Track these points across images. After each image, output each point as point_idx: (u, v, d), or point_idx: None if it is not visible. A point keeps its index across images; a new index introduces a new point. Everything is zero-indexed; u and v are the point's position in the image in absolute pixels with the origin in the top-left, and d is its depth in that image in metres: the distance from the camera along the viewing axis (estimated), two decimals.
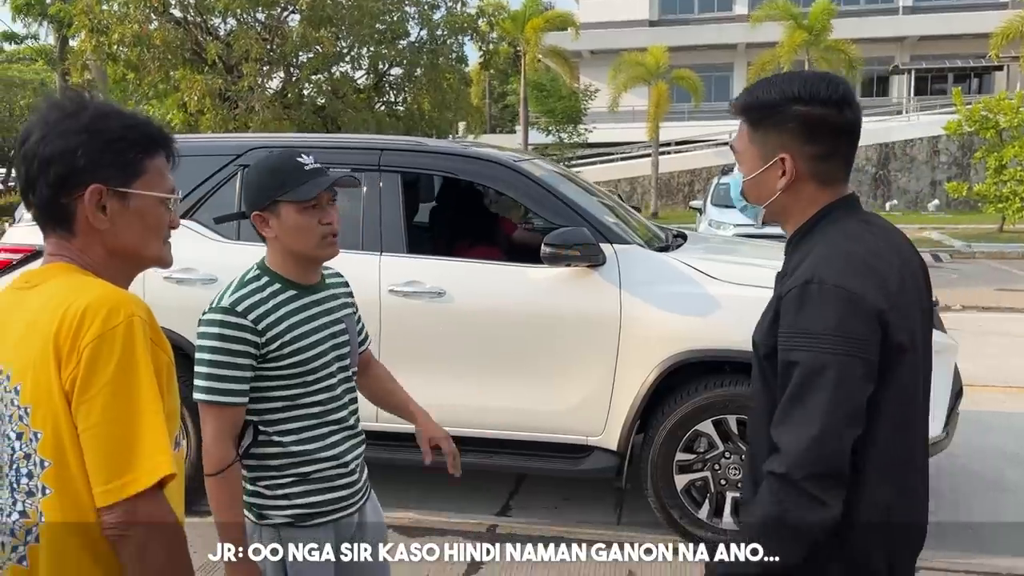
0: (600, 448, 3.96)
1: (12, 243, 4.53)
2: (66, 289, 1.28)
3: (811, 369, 1.47)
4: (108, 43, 13.18)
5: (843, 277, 1.50)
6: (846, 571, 1.56)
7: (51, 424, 1.23)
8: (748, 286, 3.82)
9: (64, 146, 1.30)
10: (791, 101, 1.58)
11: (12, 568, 1.26)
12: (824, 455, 1.45)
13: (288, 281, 1.97)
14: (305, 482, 1.97)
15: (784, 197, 1.64)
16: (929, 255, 16.41)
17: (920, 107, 32.36)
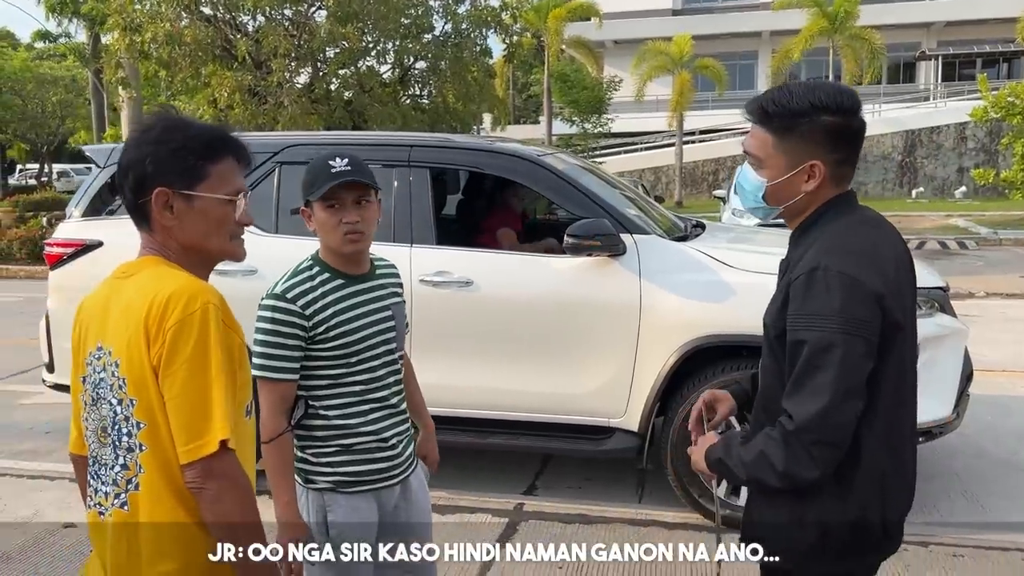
0: (622, 429, 4.15)
1: (64, 238, 4.79)
2: (154, 279, 1.50)
3: (818, 348, 1.65)
4: (141, 41, 13.48)
5: (846, 265, 1.68)
6: (847, 526, 1.75)
7: (143, 393, 1.47)
8: (763, 273, 3.97)
9: (137, 156, 1.55)
10: (820, 111, 1.73)
11: (116, 512, 1.49)
12: (830, 425, 1.64)
13: (336, 271, 2.17)
14: (347, 452, 2.18)
15: (805, 198, 1.80)
16: (955, 242, 16.36)
17: (947, 93, 32.00)
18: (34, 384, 6.79)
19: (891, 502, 1.80)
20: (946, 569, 3.64)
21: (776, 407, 1.75)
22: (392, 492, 2.27)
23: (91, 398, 1.54)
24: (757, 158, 1.82)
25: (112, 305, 1.53)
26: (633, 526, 4.12)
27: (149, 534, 1.47)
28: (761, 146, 1.81)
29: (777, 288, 1.84)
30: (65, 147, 41.88)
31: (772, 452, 1.69)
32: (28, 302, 11.06)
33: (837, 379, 1.62)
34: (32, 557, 3.85)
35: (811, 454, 1.64)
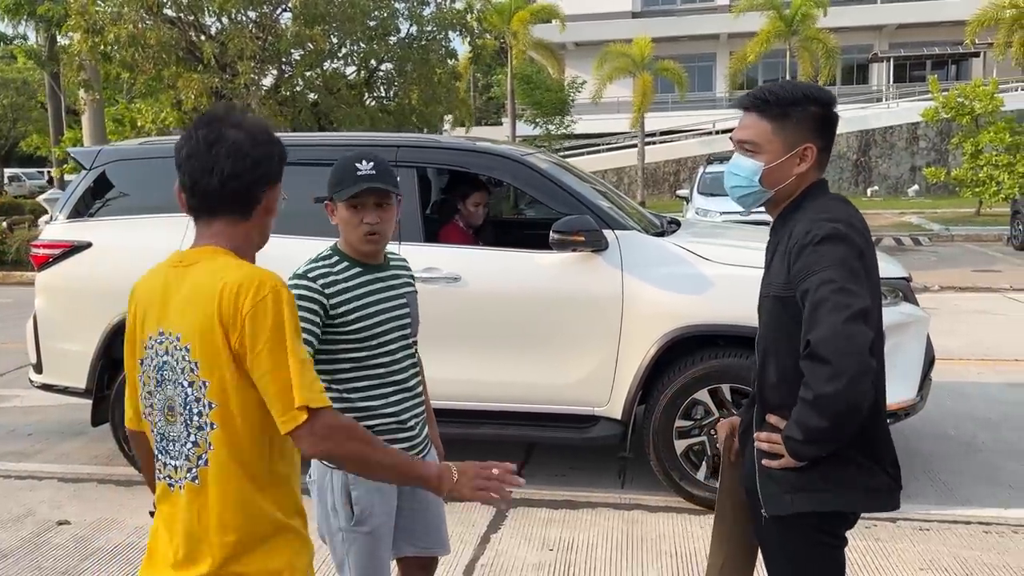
0: (606, 418, 4.31)
1: (50, 239, 4.82)
2: (220, 269, 1.60)
3: (822, 284, 1.83)
4: (102, 43, 13.32)
5: (835, 226, 1.90)
6: (866, 454, 1.96)
7: (216, 375, 1.58)
8: (739, 266, 4.18)
9: (268, 152, 1.69)
10: (811, 101, 2.01)
11: (187, 485, 1.61)
12: (843, 336, 1.77)
13: (354, 260, 2.31)
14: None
15: (795, 181, 2.04)
16: (909, 238, 16.87)
17: (899, 94, 32.87)
18: (11, 388, 6.78)
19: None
20: (914, 542, 3.86)
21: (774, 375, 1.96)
22: None
23: (155, 380, 1.65)
24: (755, 143, 2.04)
25: (172, 292, 1.63)
26: (618, 510, 4.29)
27: (216, 507, 1.59)
28: (759, 132, 2.03)
29: (772, 265, 2.05)
30: (16, 151, 40.98)
31: (803, 390, 1.85)
32: None
33: (841, 305, 1.79)
34: (31, 553, 3.89)
35: (832, 364, 1.77)
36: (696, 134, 31.54)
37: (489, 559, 3.78)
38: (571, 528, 4.09)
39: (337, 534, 2.31)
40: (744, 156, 2.06)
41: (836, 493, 1.96)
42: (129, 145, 5.40)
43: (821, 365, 1.79)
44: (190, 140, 1.65)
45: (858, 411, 1.81)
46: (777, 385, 2.01)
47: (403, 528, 2.42)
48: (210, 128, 1.64)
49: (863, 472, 1.96)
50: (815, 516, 1.98)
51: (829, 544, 2.03)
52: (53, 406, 6.01)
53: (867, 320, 1.81)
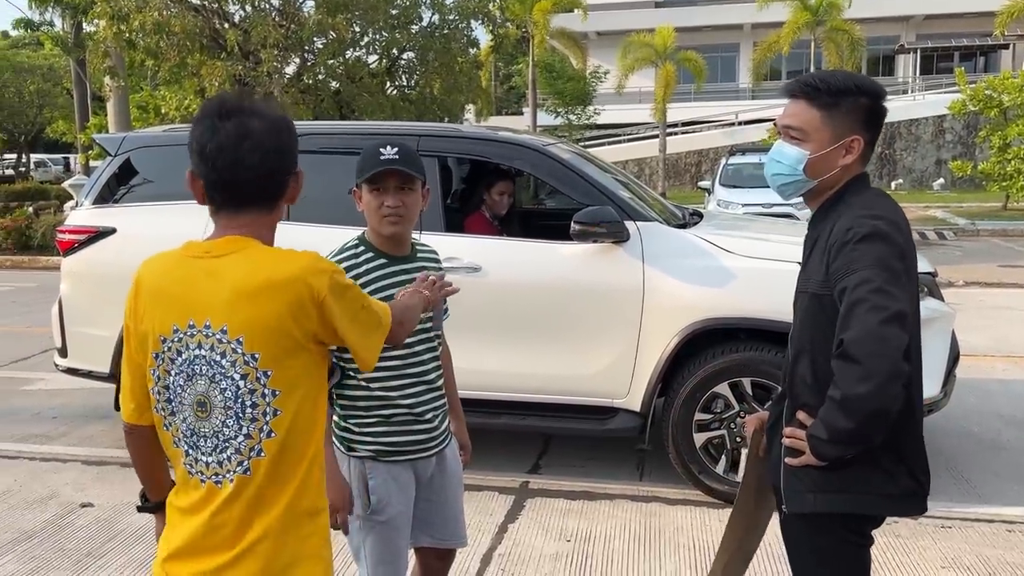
0: (625, 410, 4.30)
1: (76, 225, 4.87)
2: (263, 262, 1.59)
3: (859, 284, 1.79)
4: (128, 30, 13.42)
5: (878, 224, 1.86)
6: (893, 459, 1.94)
7: (281, 363, 1.58)
8: (761, 259, 4.15)
9: (291, 142, 1.69)
10: (862, 92, 1.97)
11: (238, 477, 1.60)
12: (875, 338, 1.74)
13: (379, 251, 2.32)
14: (386, 423, 2.32)
15: (839, 172, 2.00)
16: (933, 233, 16.67)
17: (925, 86, 32.44)
18: (35, 371, 6.87)
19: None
20: (935, 540, 3.83)
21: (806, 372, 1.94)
22: (428, 463, 2.40)
23: (183, 375, 1.60)
24: (802, 131, 1.99)
25: (202, 284, 1.59)
26: (636, 502, 4.28)
27: (270, 496, 1.60)
28: (808, 120, 1.98)
29: (811, 260, 2.00)
30: (42, 136, 41.41)
31: (832, 389, 1.82)
32: (18, 291, 11.06)
33: (878, 307, 1.76)
34: (55, 535, 3.95)
35: (863, 365, 1.74)
36: (718, 125, 31.32)
37: (507, 548, 3.79)
38: (589, 519, 4.09)
39: (354, 522, 2.32)
40: (789, 143, 2.02)
41: (859, 496, 1.93)
42: (154, 132, 5.44)
43: (852, 365, 1.76)
44: (217, 133, 1.59)
45: (886, 415, 1.78)
46: (808, 382, 1.98)
47: (421, 519, 2.43)
48: (237, 120, 1.60)
49: (888, 476, 1.93)
50: (839, 515, 1.96)
51: (854, 543, 2.01)
52: (77, 389, 6.08)
53: (903, 323, 1.77)
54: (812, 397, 1.95)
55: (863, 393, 1.75)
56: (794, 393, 2.05)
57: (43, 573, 3.59)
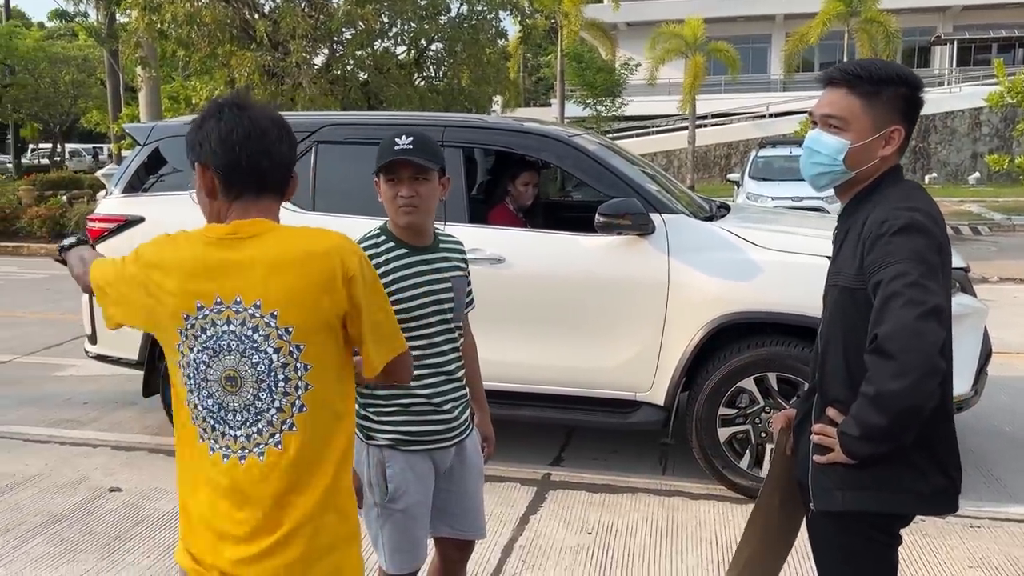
0: (648, 403, 4.28)
1: (105, 213, 4.93)
2: (296, 238, 1.64)
3: (895, 277, 1.75)
4: (160, 21, 13.56)
5: (915, 217, 1.81)
6: (924, 456, 1.90)
7: (313, 337, 1.62)
8: (789, 252, 4.10)
9: (294, 140, 1.74)
10: (902, 82, 1.92)
11: (269, 449, 1.63)
12: (910, 333, 1.69)
13: (400, 241, 2.32)
14: (405, 413, 2.33)
15: (877, 163, 1.95)
16: (968, 228, 16.39)
17: (962, 78, 31.84)
18: (67, 357, 6.98)
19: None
20: (963, 539, 3.77)
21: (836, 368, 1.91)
22: (447, 453, 2.40)
23: (209, 351, 1.62)
24: (843, 119, 1.94)
25: (232, 261, 1.61)
26: (658, 496, 4.26)
27: (300, 469, 1.64)
28: (848, 108, 1.93)
29: (841, 253, 1.96)
30: (76, 127, 42.01)
31: (865, 385, 1.78)
32: (52, 279, 11.23)
33: (914, 301, 1.71)
34: (84, 519, 4.01)
35: (898, 361, 1.70)
36: (749, 117, 30.99)
37: (527, 540, 3.79)
38: (611, 512, 4.07)
39: (372, 509, 2.33)
40: (827, 132, 1.95)
41: (889, 494, 1.89)
42: (182, 121, 5.47)
43: (887, 361, 1.72)
44: (242, 121, 1.64)
45: (920, 412, 1.74)
46: (839, 378, 1.94)
47: (440, 509, 2.43)
48: (255, 113, 1.67)
49: (919, 474, 1.89)
50: (867, 514, 1.93)
51: (882, 542, 1.97)
52: (108, 376, 6.17)
53: (941, 319, 1.72)
54: (843, 393, 1.91)
55: (897, 389, 1.71)
56: (824, 389, 2.01)
57: (72, 556, 3.65)
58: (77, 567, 3.55)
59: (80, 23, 20.80)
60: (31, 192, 16.85)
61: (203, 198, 1.71)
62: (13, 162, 34.92)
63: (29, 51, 31.79)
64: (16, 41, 31.13)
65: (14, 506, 4.14)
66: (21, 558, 3.63)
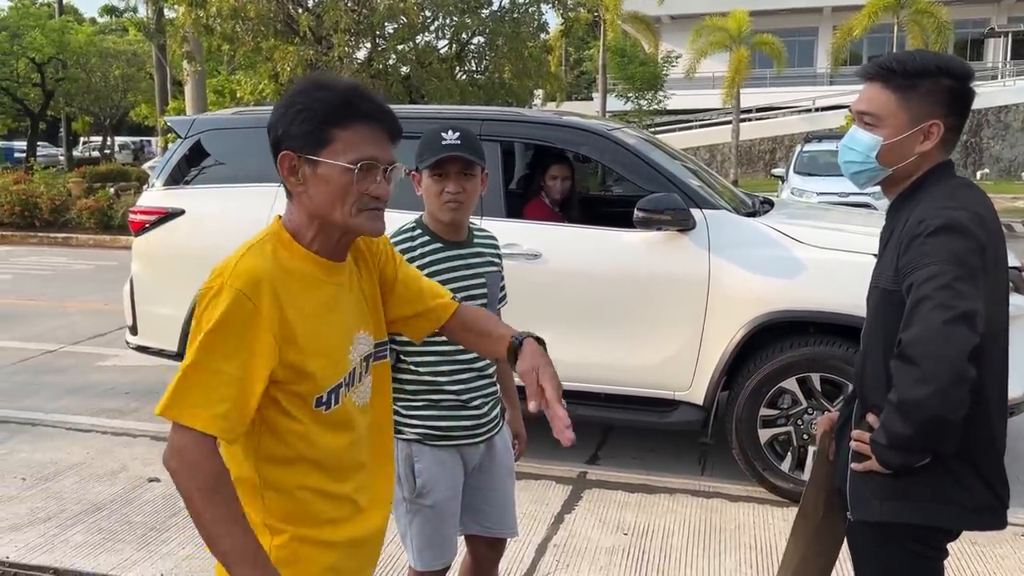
0: (687, 403, 4.20)
1: (147, 206, 4.98)
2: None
3: (927, 279, 1.67)
4: (205, 16, 13.72)
5: (954, 217, 1.72)
6: (967, 468, 1.81)
7: None
8: (834, 250, 3.99)
9: (273, 119, 1.56)
10: (943, 73, 1.80)
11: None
12: (936, 340, 1.61)
13: (435, 235, 2.30)
14: (434, 408, 2.31)
15: (917, 160, 1.85)
16: (1021, 225, 15.91)
17: (1016, 71, 30.92)
18: (110, 347, 7.09)
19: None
20: (1014, 548, 3.64)
21: (874, 372, 1.83)
22: (476, 450, 2.38)
23: None
24: (876, 116, 1.86)
25: None
26: (696, 497, 4.18)
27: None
28: (882, 104, 1.84)
29: (885, 254, 1.89)
30: (126, 120, 42.83)
31: (891, 392, 1.71)
32: (98, 270, 11.46)
33: (944, 305, 1.63)
34: (122, 508, 4.06)
35: (920, 367, 1.62)
36: (794, 111, 30.46)
37: (562, 539, 3.74)
38: (647, 513, 4.01)
39: (401, 504, 2.32)
40: (862, 129, 1.88)
41: (930, 506, 1.81)
42: (223, 114, 5.52)
43: (909, 367, 1.64)
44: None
45: (946, 423, 1.64)
46: (878, 383, 1.86)
47: (469, 506, 2.41)
48: None
49: (962, 487, 1.80)
50: (908, 525, 1.84)
51: (924, 556, 1.88)
52: (149, 367, 6.25)
53: (972, 324, 1.62)
54: (882, 399, 1.83)
55: (920, 397, 1.63)
56: (863, 394, 1.94)
57: (110, 545, 3.69)
58: (115, 557, 3.59)
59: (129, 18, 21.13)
60: (80, 184, 17.19)
61: None
62: (65, 155, 35.71)
63: (81, 46, 32.46)
64: (68, 36, 31.78)
65: (56, 494, 4.20)
66: (61, 546, 3.67)
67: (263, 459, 1.55)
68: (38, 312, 8.59)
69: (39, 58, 29.13)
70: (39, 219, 15.35)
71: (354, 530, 1.66)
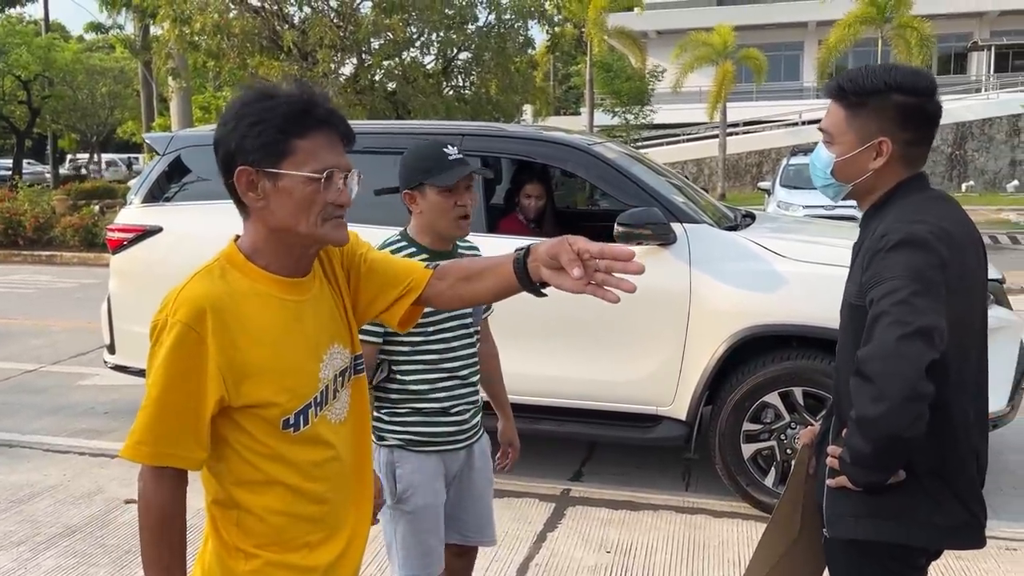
0: (669, 418, 4.16)
1: (125, 224, 4.93)
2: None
3: (885, 295, 1.65)
4: (190, 32, 13.73)
5: (915, 231, 1.70)
6: (940, 485, 1.78)
7: None
8: (814, 263, 3.97)
9: (221, 133, 1.49)
10: (893, 90, 1.79)
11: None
12: (892, 356, 1.59)
13: (422, 247, 2.30)
14: (417, 415, 2.33)
15: (873, 177, 1.85)
16: (1006, 237, 16.01)
17: (1000, 85, 31.23)
18: (91, 366, 7.01)
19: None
20: (999, 562, 3.61)
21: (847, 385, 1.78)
22: (457, 456, 2.40)
23: None
24: (829, 134, 1.88)
25: None
26: (680, 513, 4.14)
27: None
28: (834, 122, 1.87)
29: (853, 268, 1.88)
30: (113, 137, 42.73)
31: (852, 411, 1.69)
32: (82, 287, 11.37)
33: (900, 321, 1.60)
34: (97, 531, 3.98)
35: (876, 385, 1.60)
36: (781, 125, 30.66)
37: (544, 559, 3.69)
38: (631, 530, 3.96)
39: (385, 512, 2.34)
40: (823, 146, 1.91)
41: (904, 525, 1.77)
42: (202, 131, 5.48)
43: (866, 384, 1.62)
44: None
45: (901, 440, 1.61)
46: (849, 398, 1.84)
47: (450, 516, 2.42)
48: None
49: (937, 506, 1.77)
50: (884, 544, 1.81)
51: (902, 574, 1.85)
52: (128, 386, 6.15)
53: (929, 340, 1.59)
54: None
55: (876, 415, 1.60)
56: (839, 409, 1.92)
57: (83, 569, 3.62)
58: None
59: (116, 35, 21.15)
60: (65, 202, 17.11)
61: None
62: (52, 172, 35.57)
63: (67, 63, 32.36)
64: (55, 54, 31.68)
65: (31, 517, 4.12)
66: (33, 571, 3.60)
67: (235, 483, 1.54)
68: (21, 331, 8.50)
69: (25, 75, 29.03)
70: (23, 237, 15.24)
71: (331, 553, 1.63)
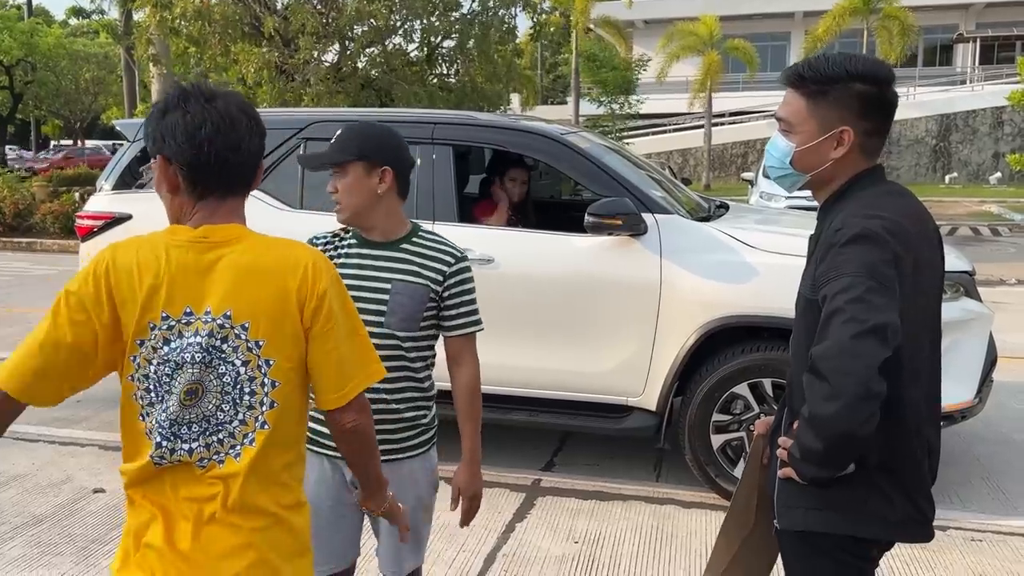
0: (640, 408, 4.17)
1: (94, 211, 4.88)
2: (274, 243, 1.60)
3: (838, 292, 1.64)
4: (171, 18, 13.58)
5: (869, 225, 1.69)
6: (889, 480, 1.77)
7: (284, 353, 1.57)
8: (784, 254, 3.97)
9: (263, 125, 1.67)
10: (854, 78, 1.78)
11: (229, 460, 1.57)
12: (846, 354, 1.59)
13: (359, 235, 2.24)
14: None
15: (832, 167, 1.83)
16: (988, 229, 16.11)
17: (985, 76, 31.36)
18: None
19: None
20: (963, 553, 3.63)
21: (798, 380, 1.78)
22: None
23: (172, 363, 1.55)
24: (788, 123, 1.86)
25: (202, 269, 1.54)
26: (650, 503, 4.15)
27: (255, 483, 1.58)
28: (794, 111, 1.84)
29: (808, 260, 1.87)
30: (97, 123, 42.37)
31: (804, 406, 1.68)
32: (62, 275, 11.26)
33: (854, 319, 1.60)
34: (64, 520, 3.95)
35: (829, 383, 1.59)
36: (767, 115, 30.69)
37: (512, 549, 3.69)
38: (599, 520, 3.97)
39: None
40: (780, 135, 1.88)
41: (852, 518, 1.77)
42: None
43: (820, 381, 1.61)
44: (210, 115, 1.55)
45: (853, 439, 1.61)
46: (801, 391, 1.83)
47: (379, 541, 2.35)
48: (224, 103, 1.58)
49: (885, 500, 1.76)
50: (834, 535, 1.81)
51: (853, 565, 1.85)
52: None
53: (883, 338, 1.58)
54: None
55: (829, 414, 1.60)
56: (792, 401, 1.91)
57: (48, 559, 3.59)
58: (51, 571, 3.49)
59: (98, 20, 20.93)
60: (45, 188, 16.93)
61: (164, 193, 1.62)
62: (34, 158, 35.23)
63: (50, 48, 32.01)
64: (37, 38, 31.33)
65: None
66: None
67: None
68: None
69: (7, 60, 28.74)
70: (2, 224, 15.09)
71: None
